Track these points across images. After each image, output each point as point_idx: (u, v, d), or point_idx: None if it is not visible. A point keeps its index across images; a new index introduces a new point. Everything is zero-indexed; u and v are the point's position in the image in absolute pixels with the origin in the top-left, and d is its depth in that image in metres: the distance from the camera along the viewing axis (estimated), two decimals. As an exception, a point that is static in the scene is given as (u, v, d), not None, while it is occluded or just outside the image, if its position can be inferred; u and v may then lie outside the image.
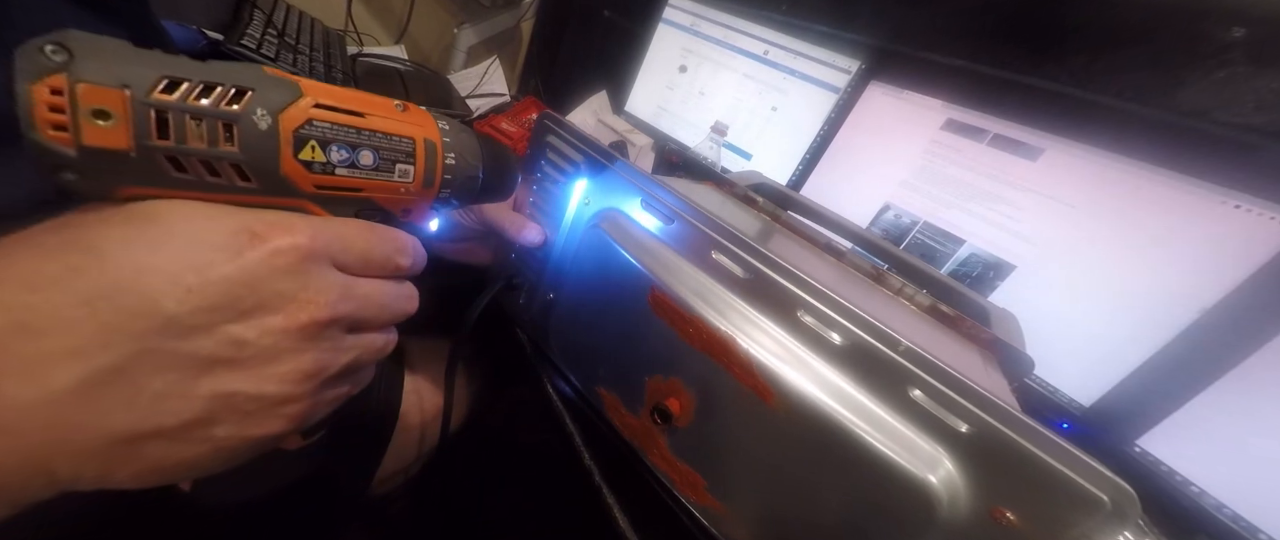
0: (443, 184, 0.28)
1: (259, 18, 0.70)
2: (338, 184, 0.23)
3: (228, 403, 0.21)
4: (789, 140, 0.81)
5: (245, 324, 0.20)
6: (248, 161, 0.20)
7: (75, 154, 0.17)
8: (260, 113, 0.20)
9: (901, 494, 0.26)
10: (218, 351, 0.20)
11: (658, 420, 0.34)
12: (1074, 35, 0.57)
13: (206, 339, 0.20)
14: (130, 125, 0.18)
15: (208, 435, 0.21)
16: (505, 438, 0.58)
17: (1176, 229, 0.51)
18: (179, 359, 0.19)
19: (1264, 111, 0.47)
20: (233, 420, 0.21)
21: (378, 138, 0.24)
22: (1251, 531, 0.44)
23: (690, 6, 0.93)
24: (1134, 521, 0.22)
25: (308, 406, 0.23)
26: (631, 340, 0.36)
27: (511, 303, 0.48)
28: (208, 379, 0.20)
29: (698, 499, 0.34)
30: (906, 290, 0.41)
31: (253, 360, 0.21)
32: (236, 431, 0.21)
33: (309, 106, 0.22)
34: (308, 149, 0.22)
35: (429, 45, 1.21)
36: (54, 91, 0.17)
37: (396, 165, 0.25)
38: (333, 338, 0.23)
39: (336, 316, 0.23)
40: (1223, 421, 0.47)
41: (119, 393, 0.18)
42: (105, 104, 0.17)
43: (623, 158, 0.39)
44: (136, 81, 0.18)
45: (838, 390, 0.28)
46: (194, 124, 0.19)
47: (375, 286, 0.25)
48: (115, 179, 0.19)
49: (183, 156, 0.19)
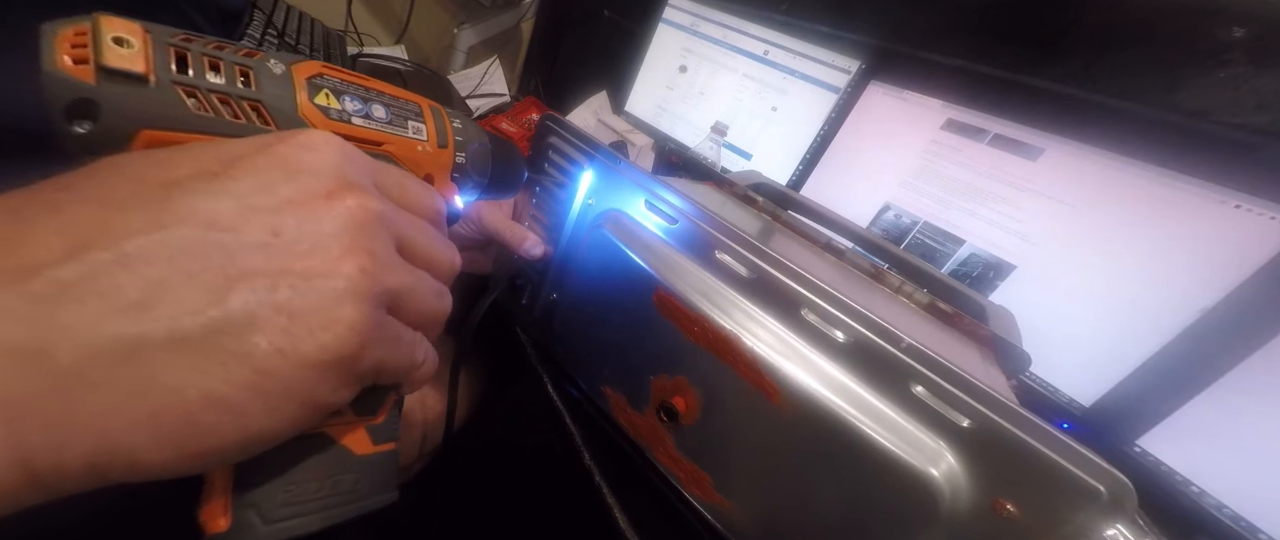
0: (457, 147, 0.28)
1: (259, 18, 0.70)
2: (356, 134, 0.23)
3: (268, 296, 0.16)
4: (789, 140, 0.81)
5: (280, 205, 0.17)
6: (266, 102, 0.20)
7: (94, 83, 0.17)
8: (273, 61, 0.21)
9: (905, 487, 0.26)
10: (251, 235, 0.16)
11: (664, 418, 0.34)
12: (1074, 35, 0.57)
13: (237, 222, 0.16)
14: (150, 55, 0.18)
15: (242, 348, 0.16)
16: (505, 438, 0.58)
17: (1176, 229, 0.51)
18: (205, 244, 0.16)
19: (1264, 111, 0.47)
20: (276, 323, 0.16)
21: (387, 97, 0.25)
22: (1251, 531, 0.44)
23: (690, 6, 0.93)
24: (1130, 513, 0.22)
25: (364, 319, 0.18)
26: (636, 339, 0.36)
27: (514, 303, 0.48)
28: (239, 259, 0.16)
29: (704, 496, 0.34)
30: (905, 288, 0.41)
31: (294, 245, 0.17)
32: (280, 342, 0.16)
33: (318, 64, 0.22)
34: (322, 94, 0.22)
35: (429, 45, 1.21)
36: (77, 32, 0.17)
37: (408, 122, 0.25)
38: (383, 240, 0.20)
39: (382, 213, 0.20)
40: (1223, 421, 0.47)
41: (124, 283, 0.14)
42: (125, 33, 0.17)
43: (625, 158, 0.39)
44: (156, 29, 0.18)
45: (841, 387, 0.28)
46: (211, 68, 0.19)
47: (417, 219, 0.23)
48: (133, 116, 0.18)
49: (202, 94, 0.19)
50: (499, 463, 0.59)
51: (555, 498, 0.50)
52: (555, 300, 0.43)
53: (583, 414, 0.42)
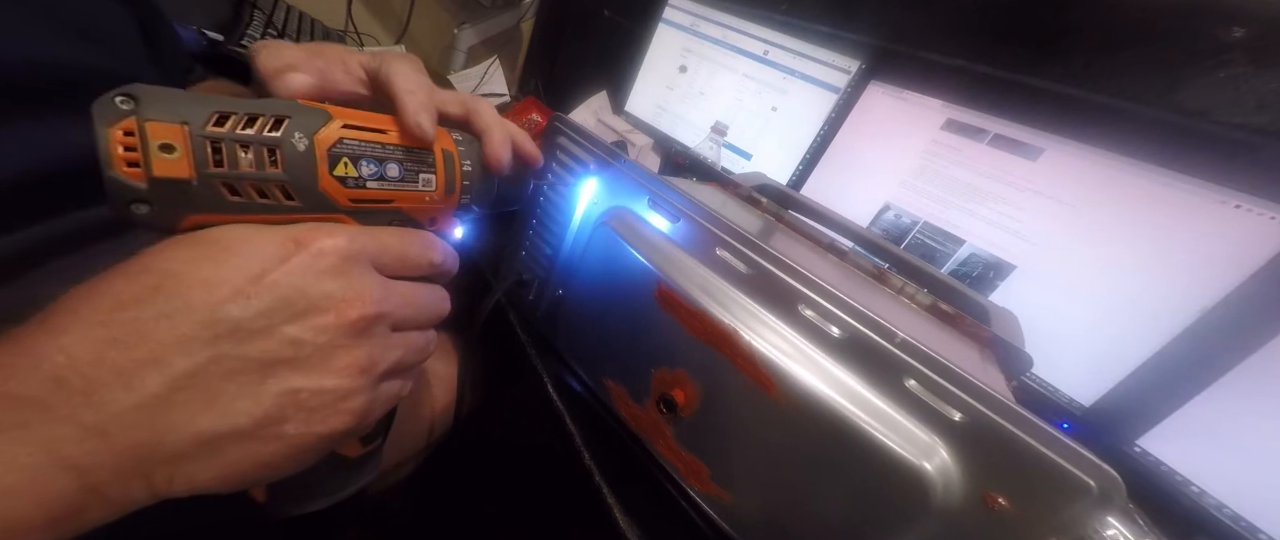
0: (463, 190, 0.30)
1: (259, 18, 0.70)
2: (370, 197, 0.26)
3: (293, 399, 0.22)
4: (789, 140, 0.81)
5: (300, 324, 0.22)
6: (290, 181, 0.23)
7: (146, 186, 0.20)
8: (298, 135, 0.23)
9: (898, 480, 0.26)
10: (279, 352, 0.22)
11: (664, 410, 0.34)
12: (1074, 35, 0.57)
13: (268, 341, 0.22)
14: (191, 156, 0.21)
15: (279, 432, 0.22)
16: (506, 438, 0.58)
17: (1176, 229, 0.51)
18: (247, 362, 0.21)
19: (1264, 111, 0.47)
20: (300, 417, 0.23)
21: (401, 151, 0.27)
22: (1251, 531, 0.44)
23: (690, 6, 0.93)
24: (1120, 506, 0.23)
25: (366, 401, 0.25)
26: (638, 334, 0.37)
27: (521, 299, 0.49)
28: (273, 379, 0.22)
29: (702, 487, 0.34)
30: (908, 289, 0.42)
31: (311, 358, 0.23)
32: (305, 428, 0.23)
33: (339, 128, 0.24)
34: (341, 165, 0.24)
35: (429, 45, 1.21)
36: (127, 133, 0.20)
37: (420, 175, 0.28)
38: (380, 334, 0.25)
39: (381, 312, 0.25)
40: (1223, 421, 0.47)
41: (198, 396, 0.21)
42: (169, 139, 0.20)
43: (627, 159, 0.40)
44: (193, 118, 0.21)
45: (837, 381, 0.29)
46: (243, 151, 0.22)
47: (412, 286, 0.27)
48: (181, 207, 0.22)
49: (236, 182, 0.22)
50: (500, 463, 0.59)
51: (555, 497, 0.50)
52: (561, 296, 0.44)
53: (583, 414, 0.43)
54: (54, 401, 0.19)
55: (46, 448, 0.18)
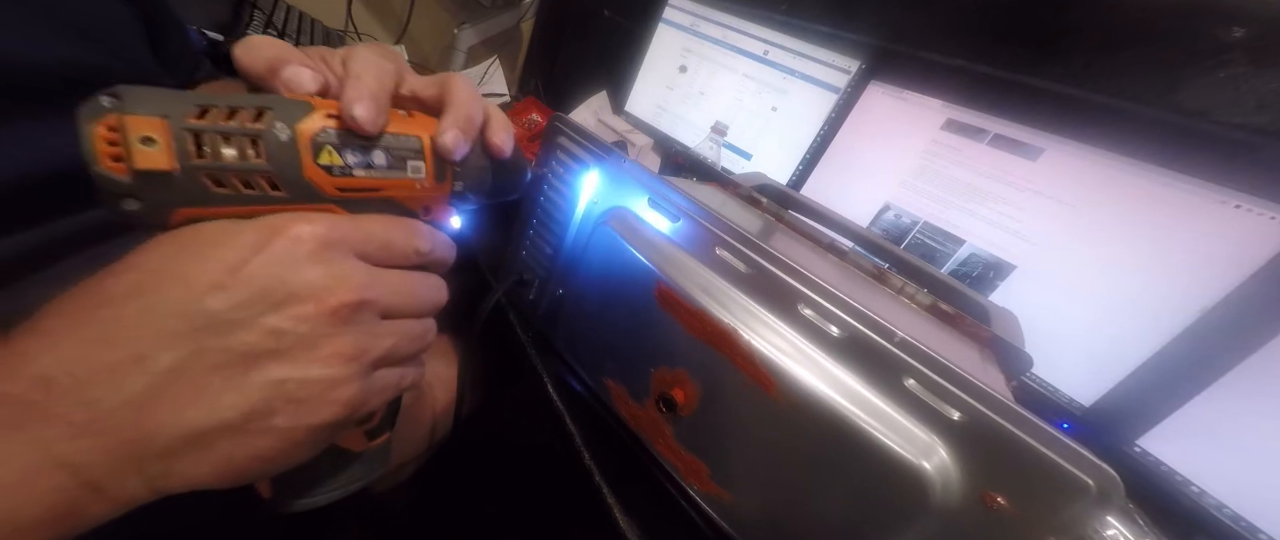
0: (455, 176, 0.29)
1: (259, 18, 0.70)
2: (357, 185, 0.25)
3: (280, 391, 0.22)
4: (789, 140, 0.81)
5: (281, 314, 0.22)
6: (275, 171, 0.23)
7: (130, 179, 0.20)
8: (279, 126, 0.23)
9: (897, 479, 0.26)
10: (261, 343, 0.22)
11: (663, 410, 0.35)
12: (1074, 35, 0.57)
13: (249, 332, 0.21)
14: (172, 147, 0.21)
15: (269, 425, 0.22)
16: (506, 438, 0.58)
17: (1176, 229, 0.51)
18: (230, 355, 0.21)
19: (1264, 111, 0.47)
20: (289, 409, 0.22)
21: (387, 138, 0.26)
22: (1251, 531, 0.44)
23: (690, 6, 0.93)
24: (1120, 506, 0.23)
25: (357, 391, 0.24)
26: (638, 333, 0.37)
27: (521, 299, 0.49)
28: (258, 371, 0.22)
29: (701, 486, 0.35)
30: (908, 289, 0.42)
31: (294, 348, 0.22)
32: (295, 420, 0.23)
33: (322, 117, 0.24)
34: (325, 153, 0.24)
35: (429, 45, 1.21)
36: (110, 129, 0.20)
37: (408, 162, 0.27)
38: (367, 321, 0.24)
39: (365, 300, 0.24)
40: (1223, 421, 0.47)
41: (184, 391, 0.20)
42: (150, 132, 0.20)
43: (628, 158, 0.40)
44: (174, 112, 0.21)
45: (836, 380, 0.29)
46: (225, 142, 0.22)
47: (401, 274, 0.27)
48: (169, 201, 0.22)
49: (220, 173, 0.22)
50: (500, 462, 0.59)
51: (555, 497, 0.50)
52: (561, 295, 0.44)
53: (583, 413, 0.43)
54: (44, 400, 0.19)
55: (39, 445, 0.19)
